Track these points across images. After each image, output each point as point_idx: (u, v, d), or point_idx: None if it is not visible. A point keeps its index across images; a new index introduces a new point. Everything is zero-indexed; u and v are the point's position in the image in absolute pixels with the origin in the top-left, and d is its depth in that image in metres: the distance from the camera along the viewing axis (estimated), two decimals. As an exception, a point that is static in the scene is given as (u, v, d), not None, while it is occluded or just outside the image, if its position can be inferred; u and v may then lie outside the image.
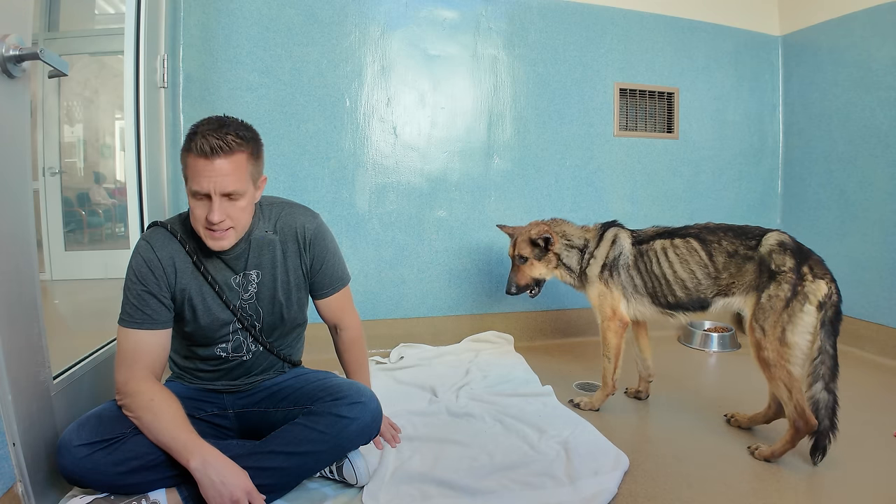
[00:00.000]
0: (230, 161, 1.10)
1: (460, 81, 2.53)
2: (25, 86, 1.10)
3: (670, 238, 1.73)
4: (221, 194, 1.11)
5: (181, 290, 1.22)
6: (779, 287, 1.48)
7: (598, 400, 1.84)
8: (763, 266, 1.53)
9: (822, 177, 2.76)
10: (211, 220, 1.12)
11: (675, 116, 2.82)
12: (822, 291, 1.44)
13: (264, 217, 1.30)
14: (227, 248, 1.19)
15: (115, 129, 2.65)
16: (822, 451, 1.42)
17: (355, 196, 2.42)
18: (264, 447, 1.19)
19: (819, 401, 1.42)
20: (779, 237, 1.55)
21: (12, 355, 1.05)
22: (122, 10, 1.87)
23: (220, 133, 1.10)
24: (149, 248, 1.21)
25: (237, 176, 1.12)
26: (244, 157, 1.13)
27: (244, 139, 1.14)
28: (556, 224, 1.94)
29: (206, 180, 1.09)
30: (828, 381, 1.42)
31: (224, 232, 1.16)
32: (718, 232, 1.66)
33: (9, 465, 1.05)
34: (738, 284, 1.59)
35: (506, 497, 1.27)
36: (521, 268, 1.92)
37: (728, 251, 1.61)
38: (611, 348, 1.79)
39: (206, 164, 1.09)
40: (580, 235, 1.90)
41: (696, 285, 1.65)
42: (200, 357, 1.31)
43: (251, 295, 1.29)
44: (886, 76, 2.41)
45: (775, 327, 1.46)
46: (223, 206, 1.12)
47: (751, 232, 1.62)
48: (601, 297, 1.80)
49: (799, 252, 1.51)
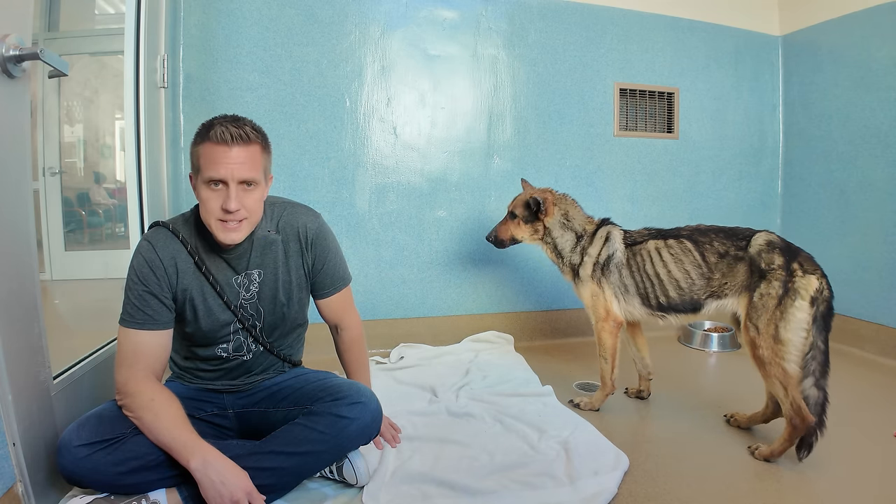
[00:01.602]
0: (247, 150, 1.14)
1: (460, 81, 2.53)
2: (25, 86, 1.10)
3: (663, 239, 1.73)
4: (239, 181, 1.13)
5: (182, 290, 1.22)
6: (769, 285, 1.48)
7: (597, 400, 1.84)
8: (753, 266, 1.54)
9: (822, 177, 2.76)
10: (227, 207, 1.12)
11: (675, 116, 2.82)
12: (813, 286, 1.44)
13: (266, 216, 1.30)
14: (239, 240, 1.19)
15: (115, 129, 2.65)
16: (807, 447, 1.42)
17: (355, 196, 2.42)
18: (264, 447, 1.19)
19: (809, 397, 1.43)
20: (767, 237, 1.56)
21: (12, 355, 1.05)
22: (122, 10, 1.87)
23: (237, 124, 1.15)
24: (150, 248, 1.21)
25: (253, 165, 1.15)
26: (258, 150, 1.17)
27: (258, 133, 1.19)
28: (563, 200, 1.90)
29: (223, 167, 1.11)
30: (818, 378, 1.43)
31: (238, 223, 1.16)
32: (710, 233, 1.67)
33: (9, 465, 1.05)
34: (730, 285, 1.59)
35: (506, 497, 1.27)
36: (508, 222, 1.95)
37: (719, 252, 1.62)
38: (606, 349, 1.79)
39: (224, 150, 1.11)
40: (582, 222, 1.87)
41: (690, 285, 1.65)
42: (201, 357, 1.31)
43: (252, 295, 1.29)
44: (886, 76, 2.41)
45: (769, 325, 1.46)
46: (239, 195, 1.14)
47: (740, 233, 1.63)
48: (594, 297, 1.80)
49: (787, 250, 1.52)
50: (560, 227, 1.87)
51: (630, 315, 1.79)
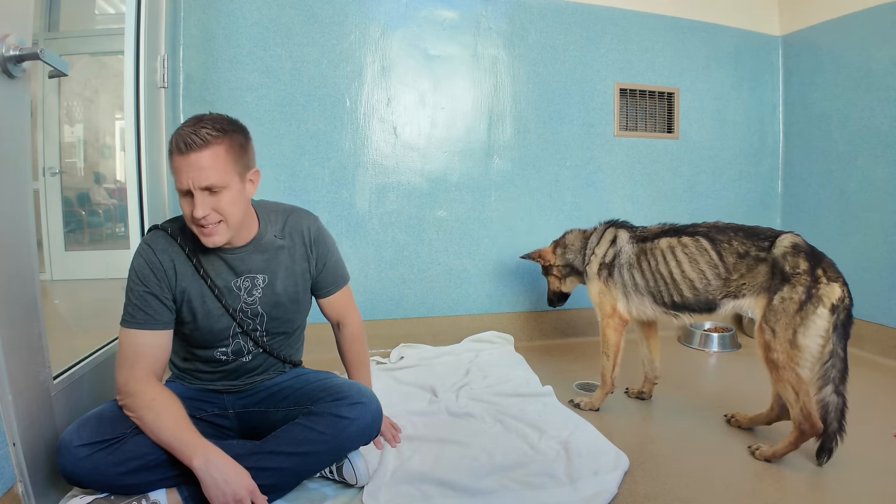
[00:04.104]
0: (205, 155, 1.09)
1: (460, 81, 2.53)
2: (25, 86, 1.10)
3: (677, 236, 1.69)
4: (200, 188, 1.10)
5: (181, 291, 1.23)
6: (793, 290, 1.45)
7: (597, 399, 1.83)
8: (776, 268, 1.50)
9: (822, 177, 2.76)
10: (195, 216, 1.11)
11: (675, 116, 2.82)
12: (835, 294, 1.42)
13: (271, 222, 1.32)
14: (220, 243, 1.18)
15: (115, 129, 2.65)
16: (828, 452, 1.42)
17: (355, 196, 2.42)
18: (265, 447, 1.19)
19: (829, 403, 1.41)
20: (793, 239, 1.52)
21: (12, 355, 1.05)
22: (122, 10, 1.87)
23: (194, 128, 1.10)
24: (150, 250, 1.21)
25: (215, 169, 1.10)
26: (222, 150, 1.11)
27: (221, 131, 1.12)
28: (564, 238, 2.04)
29: (184, 176, 1.10)
30: (837, 384, 1.42)
31: (214, 227, 1.14)
32: (728, 231, 1.62)
33: (9, 465, 1.05)
34: (748, 286, 1.55)
35: (506, 497, 1.27)
36: (548, 280, 2.14)
37: (739, 252, 1.57)
38: (610, 345, 1.78)
39: (182, 160, 1.09)
40: (580, 238, 1.96)
41: (705, 286, 1.61)
42: (200, 359, 1.32)
43: (255, 299, 1.29)
44: (886, 76, 2.41)
45: (786, 329, 1.44)
46: (205, 201, 1.11)
47: (762, 233, 1.58)
48: (601, 294, 1.81)
49: (812, 255, 1.49)
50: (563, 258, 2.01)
51: (641, 314, 1.76)
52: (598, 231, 1.91)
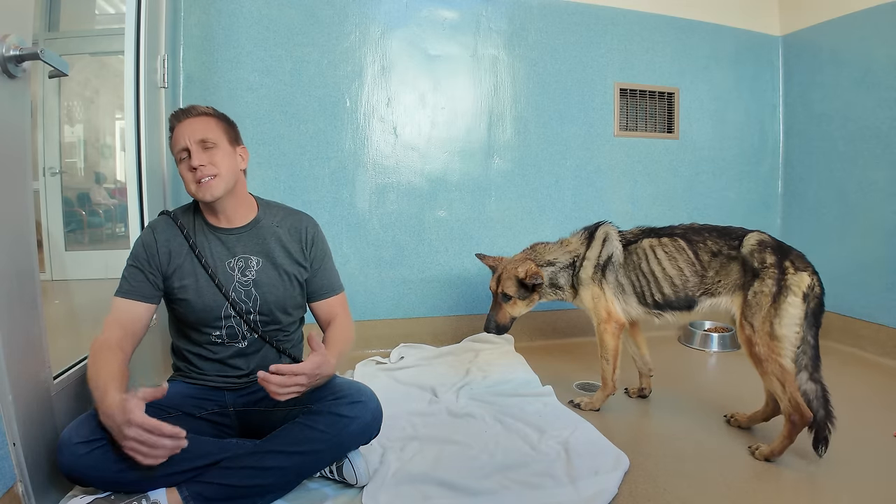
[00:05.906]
0: (200, 119, 1.30)
1: (460, 81, 2.53)
2: (26, 86, 1.10)
3: (657, 237, 1.75)
4: (196, 141, 1.26)
5: (175, 268, 1.30)
6: (763, 283, 1.50)
7: (598, 400, 1.83)
8: (746, 265, 1.56)
9: (822, 177, 2.76)
10: (192, 164, 1.25)
11: (676, 116, 2.82)
12: (805, 283, 1.47)
13: (271, 212, 1.41)
14: (217, 195, 1.27)
15: (115, 129, 2.65)
16: (824, 441, 1.43)
17: (356, 196, 2.42)
18: (264, 447, 1.19)
19: (807, 392, 1.45)
20: (758, 237, 1.59)
21: (12, 355, 1.05)
22: (122, 10, 1.87)
23: (189, 106, 1.33)
24: (150, 232, 1.33)
25: (207, 128, 1.29)
26: (213, 120, 1.31)
27: (212, 111, 1.33)
28: (537, 252, 1.85)
29: (181, 137, 1.27)
30: (812, 371, 1.46)
31: (211, 179, 1.26)
32: (703, 232, 1.70)
33: (9, 464, 1.06)
34: (723, 284, 1.62)
35: (506, 497, 1.27)
36: (502, 305, 1.82)
37: (712, 250, 1.65)
38: (608, 350, 1.79)
39: (180, 125, 1.29)
40: (565, 252, 1.83)
41: (684, 282, 1.67)
42: (196, 342, 1.34)
43: (248, 279, 1.33)
44: (886, 76, 2.41)
45: (764, 322, 1.48)
46: (202, 154, 1.26)
47: (733, 233, 1.65)
48: (595, 299, 1.79)
49: (779, 248, 1.55)
50: (551, 276, 1.83)
51: (627, 314, 1.79)
52: (580, 235, 1.86)
